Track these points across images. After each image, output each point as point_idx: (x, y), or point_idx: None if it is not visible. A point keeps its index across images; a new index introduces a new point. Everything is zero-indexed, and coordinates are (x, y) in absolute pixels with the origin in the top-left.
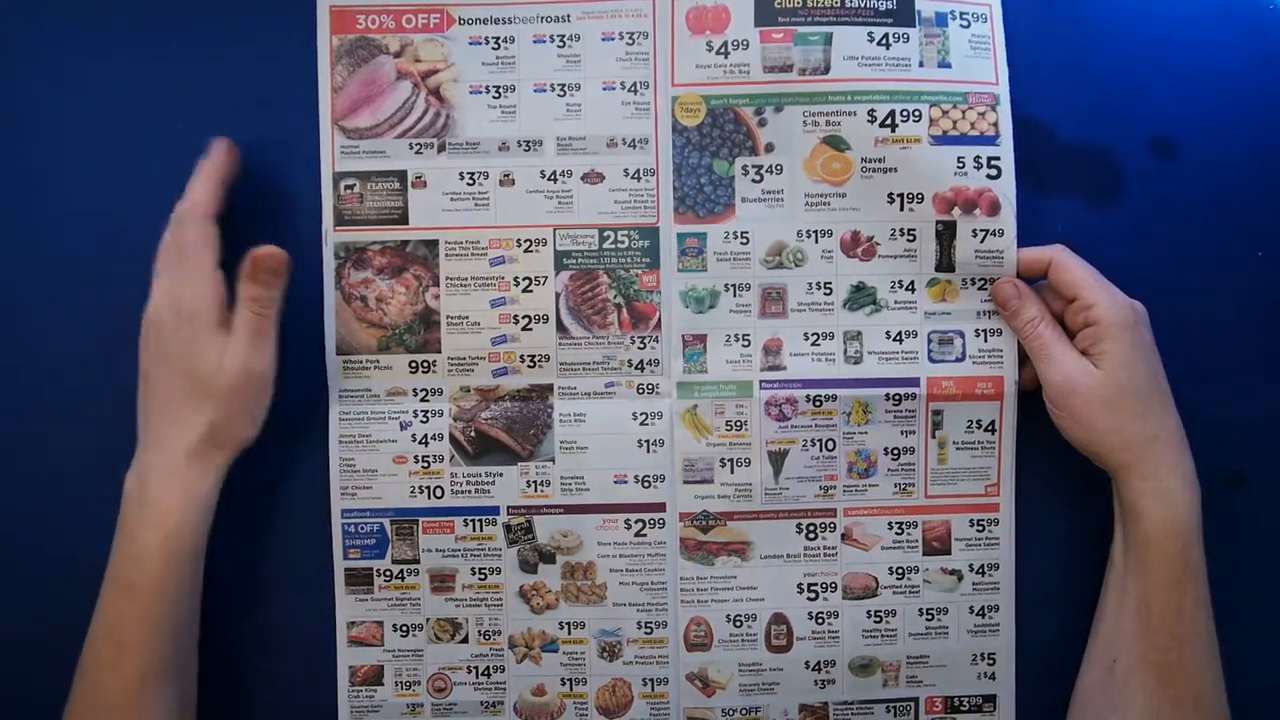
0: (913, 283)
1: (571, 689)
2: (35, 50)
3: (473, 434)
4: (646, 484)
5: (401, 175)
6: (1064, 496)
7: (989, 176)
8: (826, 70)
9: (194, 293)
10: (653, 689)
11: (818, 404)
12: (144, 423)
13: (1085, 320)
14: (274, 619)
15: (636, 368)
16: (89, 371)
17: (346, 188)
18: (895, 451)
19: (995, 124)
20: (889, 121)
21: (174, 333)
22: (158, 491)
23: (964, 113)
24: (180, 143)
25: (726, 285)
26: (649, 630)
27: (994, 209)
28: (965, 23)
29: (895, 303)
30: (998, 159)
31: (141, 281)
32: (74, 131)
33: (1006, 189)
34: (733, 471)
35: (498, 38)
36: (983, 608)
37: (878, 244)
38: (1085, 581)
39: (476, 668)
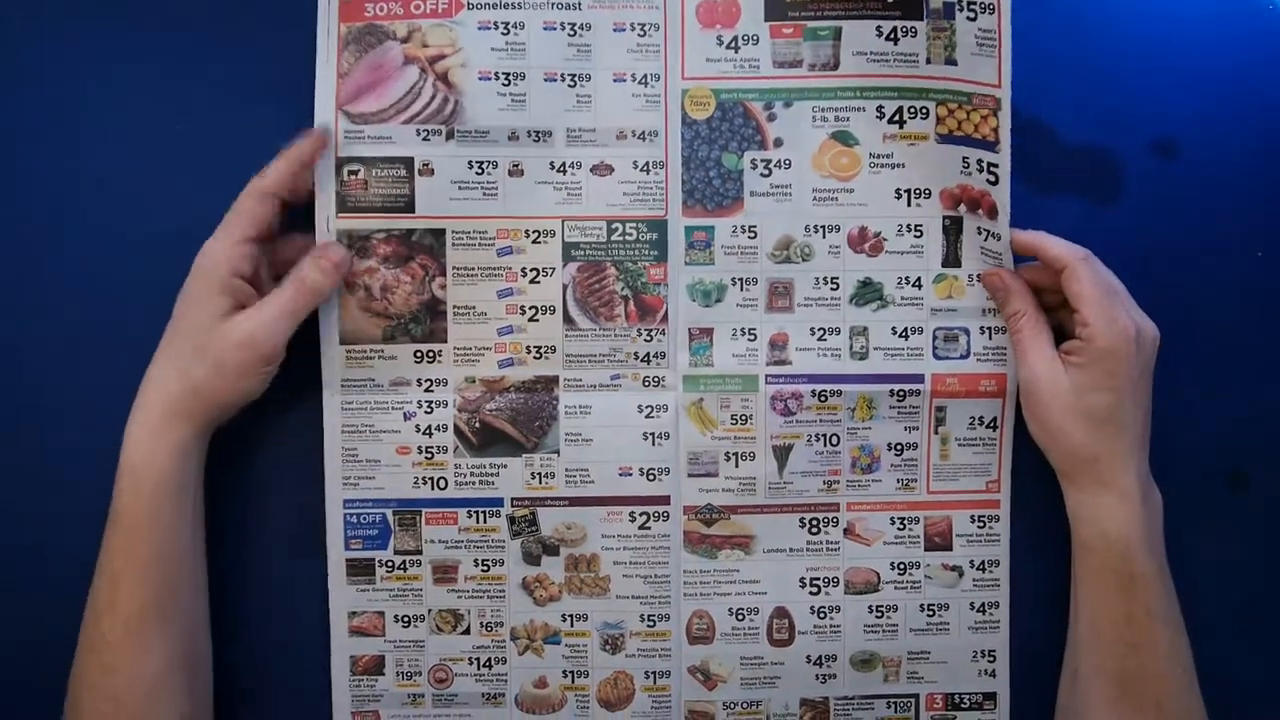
0: (919, 279)
1: (573, 681)
2: (36, 46)
3: (477, 425)
4: (651, 477)
5: (408, 162)
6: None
7: (989, 182)
8: (835, 66)
9: (213, 254)
10: (655, 682)
11: (823, 399)
12: (153, 358)
13: (1079, 334)
14: (275, 608)
15: (642, 360)
16: (92, 366)
17: (350, 173)
18: (899, 447)
19: (995, 129)
20: (897, 118)
21: (188, 287)
22: (131, 432)
23: (969, 114)
24: (185, 132)
25: (733, 279)
26: (651, 623)
27: (994, 212)
28: (972, 14)
29: (902, 299)
30: (996, 166)
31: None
32: (75, 126)
33: (1003, 196)
34: (737, 465)
35: (507, 23)
36: (983, 604)
37: (885, 240)
38: None
39: (478, 659)
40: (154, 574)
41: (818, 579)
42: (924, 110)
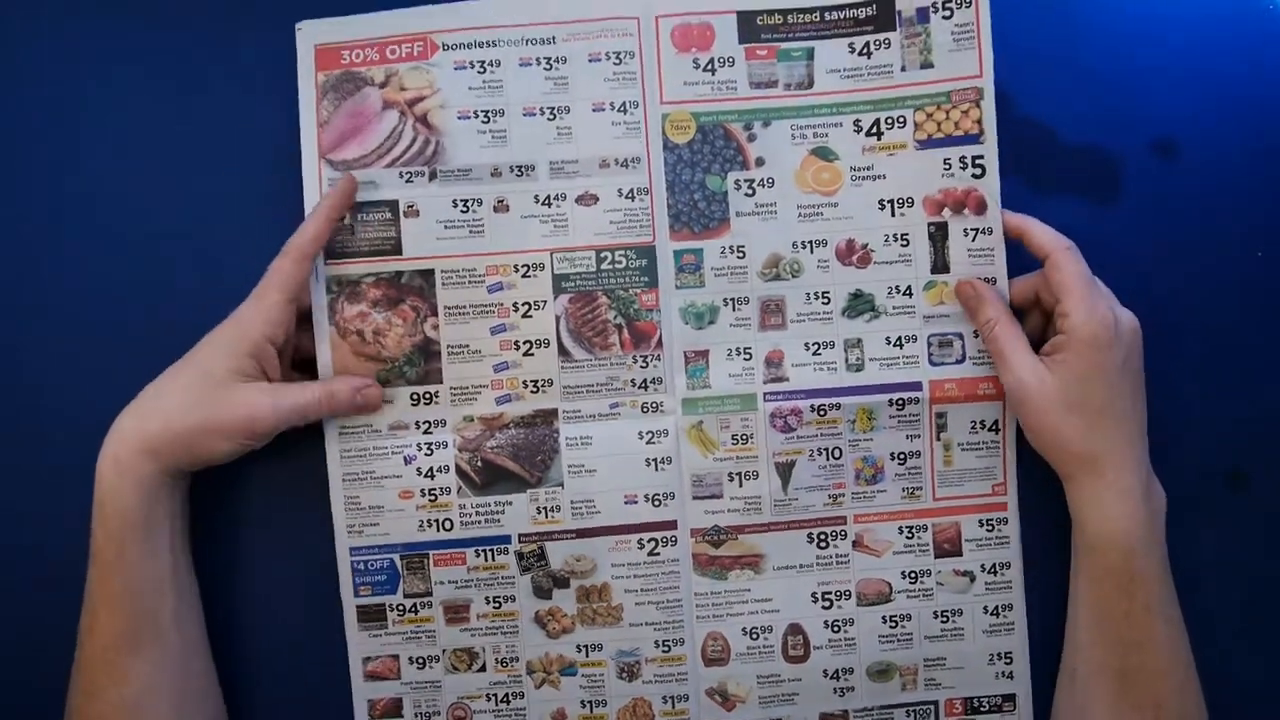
0: (909, 287)
1: (592, 711)
2: (36, 46)
3: (479, 464)
4: (656, 502)
5: (393, 205)
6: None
7: (974, 176)
8: (810, 85)
9: (249, 315)
10: (673, 706)
11: (822, 413)
12: (150, 383)
13: (1060, 326)
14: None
15: (640, 387)
16: (89, 366)
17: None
18: (901, 456)
19: (979, 120)
20: (874, 130)
21: (220, 333)
22: (100, 464)
23: (948, 113)
24: (185, 133)
25: (725, 299)
26: (666, 648)
27: (981, 207)
28: (948, 13)
29: (894, 308)
30: (981, 158)
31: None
32: (75, 126)
33: (991, 186)
34: (741, 485)
35: (483, 61)
36: (997, 607)
37: (872, 250)
38: None
39: (495, 695)
40: (125, 606)
41: (829, 593)
42: (901, 119)
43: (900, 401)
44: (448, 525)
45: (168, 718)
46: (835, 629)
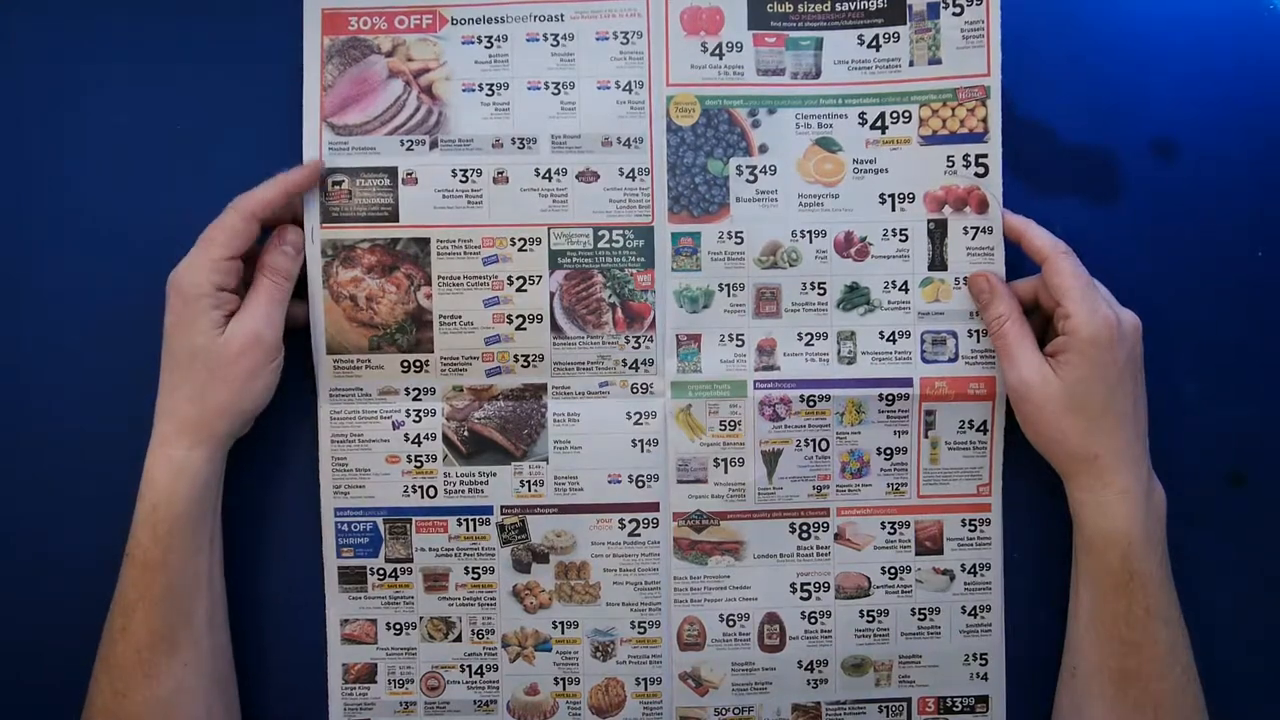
0: (906, 283)
1: (565, 688)
2: (31, 53)
3: (466, 434)
4: (640, 483)
5: (392, 172)
6: (1057, 496)
7: (977, 174)
8: (817, 75)
9: (195, 274)
10: (646, 688)
11: (811, 404)
12: (159, 394)
13: (1062, 328)
14: (267, 617)
15: (630, 367)
16: (93, 363)
17: (334, 184)
18: (888, 451)
19: (984, 119)
20: (879, 123)
21: (174, 308)
22: (149, 463)
23: (953, 110)
24: (174, 142)
25: (721, 285)
26: (642, 630)
27: (982, 206)
28: (958, 10)
29: (889, 303)
30: (985, 156)
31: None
32: (70, 133)
33: (994, 186)
34: (726, 471)
35: (490, 37)
36: (975, 608)
37: (870, 244)
38: None
39: (469, 666)
40: (165, 606)
41: (808, 584)
42: (906, 114)
43: (890, 397)
44: (431, 492)
45: (203, 714)
46: (812, 620)
